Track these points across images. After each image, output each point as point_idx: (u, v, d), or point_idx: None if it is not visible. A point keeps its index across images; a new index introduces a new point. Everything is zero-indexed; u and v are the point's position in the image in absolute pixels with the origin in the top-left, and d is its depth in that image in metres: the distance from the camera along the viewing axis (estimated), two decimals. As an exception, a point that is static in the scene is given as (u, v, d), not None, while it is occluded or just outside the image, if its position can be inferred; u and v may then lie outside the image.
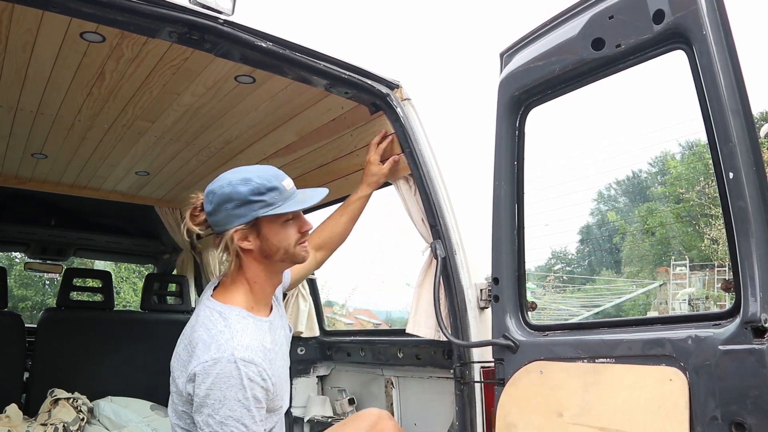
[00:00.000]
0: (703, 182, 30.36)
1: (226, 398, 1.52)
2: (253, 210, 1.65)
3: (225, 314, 1.66)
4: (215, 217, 1.68)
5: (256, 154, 3.07)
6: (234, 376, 1.52)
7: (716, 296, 25.93)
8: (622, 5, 1.59)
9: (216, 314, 1.66)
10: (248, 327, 1.65)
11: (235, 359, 1.54)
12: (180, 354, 1.68)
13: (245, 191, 1.64)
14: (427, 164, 2.21)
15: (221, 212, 1.66)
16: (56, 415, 3.19)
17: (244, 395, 1.53)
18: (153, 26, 1.81)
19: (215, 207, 1.67)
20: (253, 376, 1.55)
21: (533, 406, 1.75)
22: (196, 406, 1.55)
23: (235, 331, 1.60)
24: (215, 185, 1.68)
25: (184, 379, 1.60)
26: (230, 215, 1.65)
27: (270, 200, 1.66)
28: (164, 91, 2.42)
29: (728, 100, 1.38)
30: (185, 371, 1.61)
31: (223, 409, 1.51)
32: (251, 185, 1.64)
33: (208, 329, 1.62)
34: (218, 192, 1.66)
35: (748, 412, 1.31)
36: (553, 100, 1.87)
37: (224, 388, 1.52)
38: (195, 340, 1.61)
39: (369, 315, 26.29)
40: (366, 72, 2.20)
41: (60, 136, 2.92)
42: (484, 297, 2.12)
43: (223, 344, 1.56)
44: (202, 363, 1.55)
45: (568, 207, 63.08)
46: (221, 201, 1.65)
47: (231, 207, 1.64)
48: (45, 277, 18.45)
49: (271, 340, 1.74)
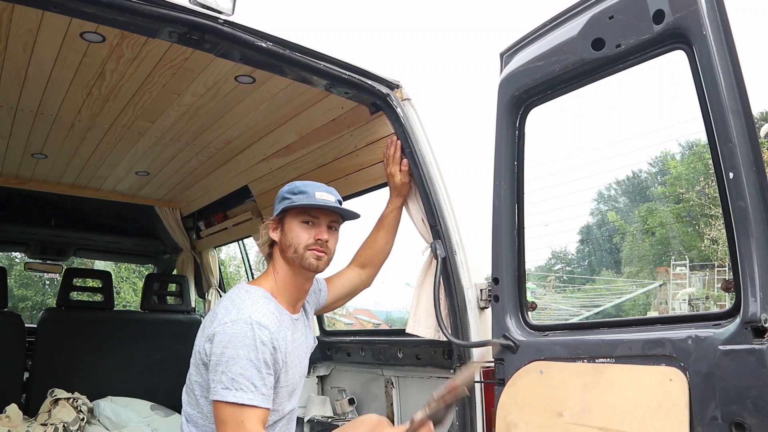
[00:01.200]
0: (703, 182, 30.37)
1: (239, 356, 1.64)
2: (281, 203, 1.89)
3: (250, 291, 1.85)
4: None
5: (256, 154, 3.07)
6: (248, 336, 1.66)
7: (716, 296, 25.94)
8: (622, 5, 1.59)
9: (243, 291, 1.85)
10: (269, 304, 1.82)
11: (252, 321, 1.69)
12: (204, 323, 1.84)
13: (285, 190, 1.91)
14: (427, 164, 2.21)
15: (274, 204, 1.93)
16: (56, 415, 3.19)
17: (256, 356, 1.66)
18: (153, 26, 1.81)
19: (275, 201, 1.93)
20: (265, 339, 1.69)
21: (533, 406, 1.75)
22: (212, 365, 1.68)
23: (256, 303, 1.78)
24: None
25: (204, 339, 1.74)
26: (274, 208, 1.92)
27: (295, 199, 1.87)
28: (164, 91, 2.42)
29: (728, 100, 1.38)
30: (204, 333, 1.75)
31: (236, 366, 1.63)
32: (290, 186, 1.91)
33: (232, 300, 1.80)
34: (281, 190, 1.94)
35: (748, 412, 1.31)
36: (553, 100, 1.88)
37: (238, 347, 1.65)
38: (218, 309, 1.78)
39: (369, 315, 26.30)
40: (366, 72, 2.20)
41: (60, 136, 2.92)
42: (484, 297, 2.12)
43: (243, 309, 1.73)
44: (222, 324, 1.70)
45: (568, 207, 63.09)
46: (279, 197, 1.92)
47: (277, 201, 1.91)
48: (45, 277, 18.45)
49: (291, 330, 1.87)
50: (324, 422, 3.06)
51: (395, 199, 2.37)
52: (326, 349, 3.29)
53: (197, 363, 1.78)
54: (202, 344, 1.75)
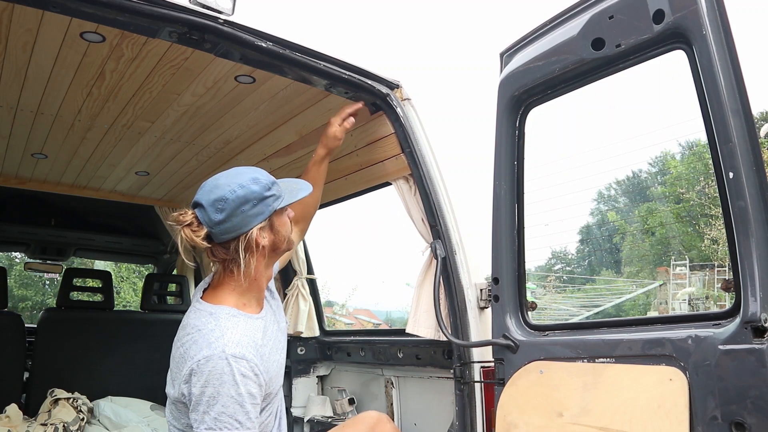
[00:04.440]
0: (703, 182, 30.35)
1: (220, 394, 1.53)
2: (269, 205, 1.67)
3: (215, 314, 1.67)
4: (228, 224, 1.63)
5: (256, 154, 3.07)
6: (226, 372, 1.54)
7: (716, 296, 25.93)
8: (622, 5, 1.59)
9: (206, 315, 1.67)
10: (238, 324, 1.66)
11: (227, 356, 1.55)
12: (175, 357, 1.69)
13: (259, 189, 1.65)
14: (427, 164, 2.21)
15: (237, 216, 1.63)
16: (56, 415, 3.19)
17: (237, 391, 1.54)
18: (153, 26, 1.81)
19: (230, 213, 1.62)
20: (245, 371, 1.57)
21: (533, 406, 1.75)
22: (192, 405, 1.57)
23: (225, 329, 1.62)
24: (223, 193, 1.63)
25: (180, 380, 1.61)
26: (248, 216, 1.64)
27: (277, 193, 1.70)
28: (164, 91, 2.42)
29: (728, 100, 1.38)
30: (180, 373, 1.62)
31: (217, 405, 1.53)
32: (261, 182, 1.67)
33: (199, 329, 1.63)
34: (231, 197, 1.62)
35: (748, 412, 1.31)
36: (553, 100, 1.88)
37: (217, 385, 1.54)
38: (187, 342, 1.63)
39: (369, 315, 26.28)
40: (366, 72, 2.19)
41: (60, 136, 2.91)
42: (484, 297, 2.12)
43: (213, 342, 1.58)
44: (195, 362, 1.56)
45: (568, 207, 63.11)
46: (238, 204, 1.62)
47: (249, 208, 1.64)
48: (45, 277, 18.44)
49: (263, 335, 1.75)
50: (324, 422, 3.06)
51: (321, 149, 2.24)
52: (326, 349, 3.29)
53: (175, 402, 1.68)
54: (179, 384, 1.61)
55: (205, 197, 1.66)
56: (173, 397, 1.68)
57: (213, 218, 1.63)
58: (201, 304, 1.73)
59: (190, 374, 1.57)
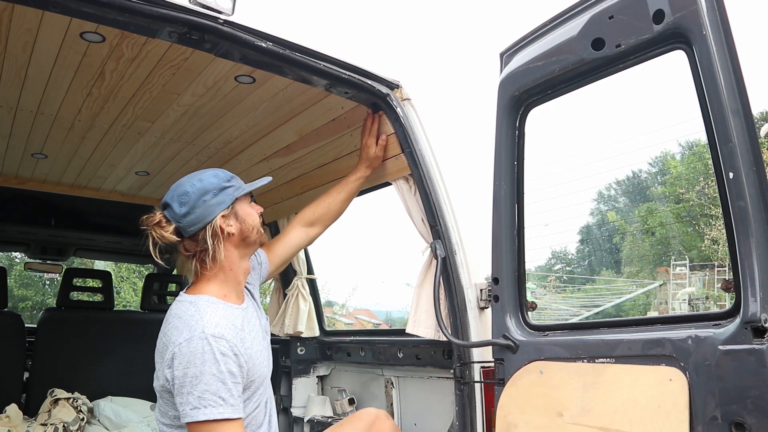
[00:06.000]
0: (703, 182, 30.35)
1: (203, 373, 1.58)
2: (229, 194, 1.81)
3: (194, 302, 1.74)
4: (193, 215, 1.77)
5: (256, 154, 3.07)
6: (207, 351, 1.60)
7: (716, 296, 25.93)
8: (622, 5, 1.59)
9: (186, 304, 1.75)
10: (218, 309, 1.73)
11: (206, 336, 1.61)
12: (159, 348, 1.74)
13: (217, 181, 1.81)
14: (427, 164, 2.21)
15: (200, 207, 1.77)
16: (56, 415, 3.20)
17: (218, 369, 1.60)
18: (153, 26, 1.81)
19: (192, 205, 1.77)
20: (225, 350, 1.62)
21: (533, 406, 1.75)
22: (176, 389, 1.61)
23: (204, 313, 1.69)
24: (184, 188, 1.79)
25: (164, 366, 1.66)
26: (210, 205, 1.78)
27: (237, 184, 1.85)
28: (164, 91, 2.42)
29: (728, 100, 1.38)
30: (163, 360, 1.67)
31: (200, 384, 1.58)
32: (220, 176, 1.83)
33: (179, 317, 1.70)
34: (191, 189, 1.78)
35: (748, 412, 1.31)
36: (553, 100, 1.88)
37: (199, 364, 1.59)
38: (169, 331, 1.70)
39: (369, 315, 26.28)
40: (366, 72, 2.19)
41: (60, 136, 2.91)
42: (484, 297, 2.12)
43: (193, 324, 1.65)
44: (177, 345, 1.62)
45: (568, 207, 63.10)
46: (199, 195, 1.77)
47: (210, 197, 1.78)
48: (45, 277, 18.45)
49: (242, 322, 1.81)
50: (324, 422, 3.06)
51: (364, 170, 2.39)
52: (326, 349, 3.29)
53: (161, 392, 1.71)
54: (163, 370, 1.66)
55: (170, 195, 1.81)
56: (158, 388, 1.72)
57: (178, 212, 1.78)
58: (182, 296, 1.81)
59: (173, 358, 1.62)
